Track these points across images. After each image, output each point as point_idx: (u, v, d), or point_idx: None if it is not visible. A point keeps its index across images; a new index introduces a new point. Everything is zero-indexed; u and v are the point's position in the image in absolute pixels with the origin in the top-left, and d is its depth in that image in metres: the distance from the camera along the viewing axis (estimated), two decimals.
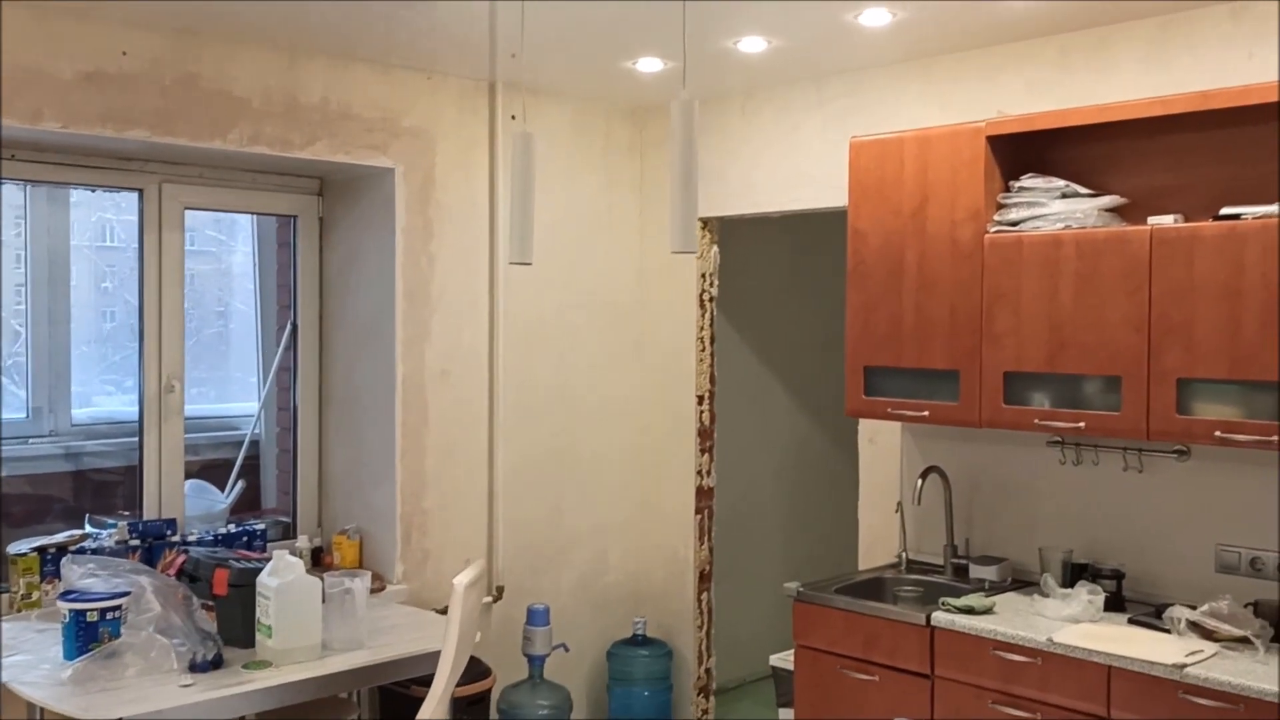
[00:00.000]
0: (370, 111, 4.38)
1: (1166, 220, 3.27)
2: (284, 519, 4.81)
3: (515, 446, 4.84)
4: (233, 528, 4.40)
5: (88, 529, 4.24)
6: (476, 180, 4.71)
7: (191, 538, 4.23)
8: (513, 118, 4.79)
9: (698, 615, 5.13)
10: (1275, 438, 3.06)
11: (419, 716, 3.26)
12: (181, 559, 3.72)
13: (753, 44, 4.00)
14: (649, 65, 4.36)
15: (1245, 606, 3.23)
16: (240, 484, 4.88)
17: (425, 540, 4.60)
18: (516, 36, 3.97)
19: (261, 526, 4.47)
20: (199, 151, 4.06)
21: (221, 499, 4.81)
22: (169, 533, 4.19)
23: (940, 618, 3.47)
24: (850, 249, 3.96)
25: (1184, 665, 2.98)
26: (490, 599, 4.75)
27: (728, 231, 5.13)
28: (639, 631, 5.07)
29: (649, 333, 5.23)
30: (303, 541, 4.59)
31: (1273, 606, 3.22)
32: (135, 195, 4.27)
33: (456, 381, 4.67)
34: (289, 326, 4.79)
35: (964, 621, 3.41)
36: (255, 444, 5.06)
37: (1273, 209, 3.09)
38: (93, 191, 4.50)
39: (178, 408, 4.34)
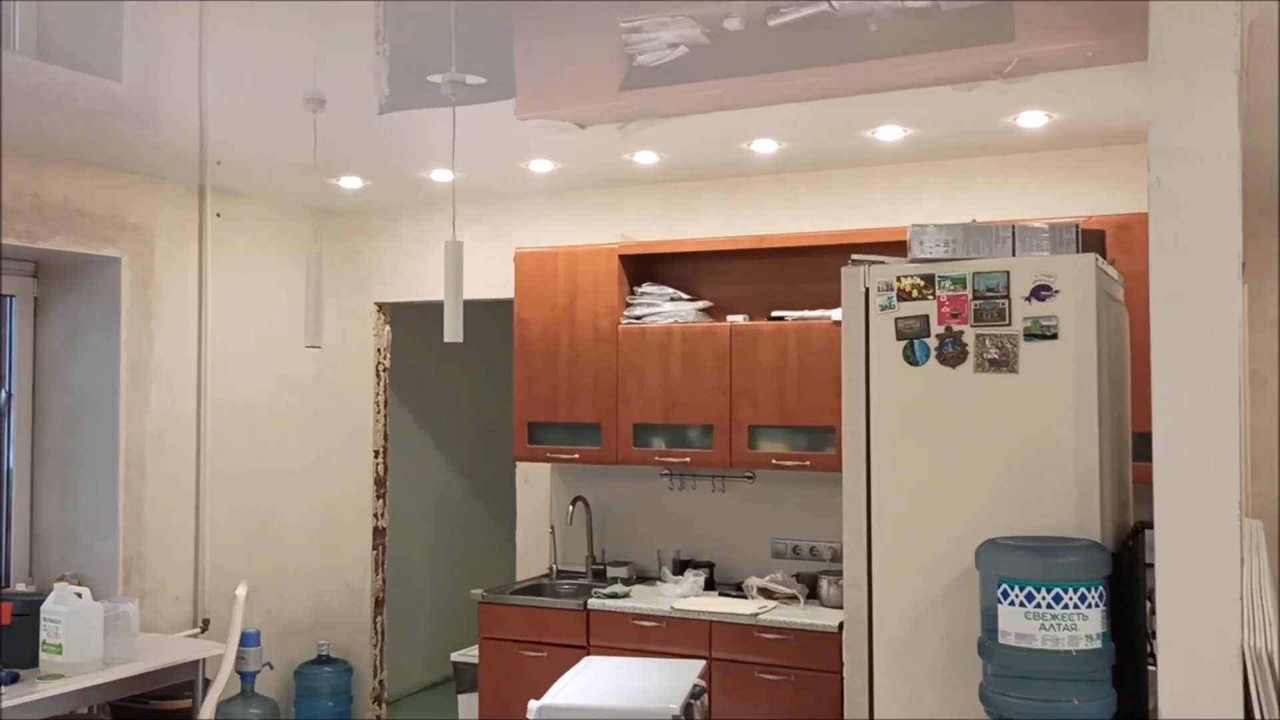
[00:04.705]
0: (102, 209, 5.08)
1: (739, 319, 4.86)
2: None
3: (219, 496, 5.61)
4: None
5: None
6: (189, 269, 5.50)
7: None
8: (217, 215, 5.64)
9: (373, 636, 6.11)
10: (807, 463, 4.69)
11: (214, 689, 4.08)
12: None
13: (442, 175, 5.20)
14: (350, 183, 5.43)
15: (792, 576, 4.84)
16: None
17: (143, 581, 5.26)
18: (221, 147, 4.82)
19: None
20: None
21: None
22: None
23: (594, 603, 4.79)
24: (516, 333, 5.24)
25: (757, 615, 4.50)
26: (198, 630, 5.47)
27: (395, 315, 6.23)
28: (323, 653, 5.96)
29: (330, 399, 6.19)
30: (20, 588, 5.09)
31: (808, 575, 4.84)
32: None
33: (170, 443, 5.39)
34: (3, 396, 5.27)
35: (612, 604, 4.75)
36: None
37: (804, 314, 4.75)
38: None
39: None
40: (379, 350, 6.14)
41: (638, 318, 5.03)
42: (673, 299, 5.02)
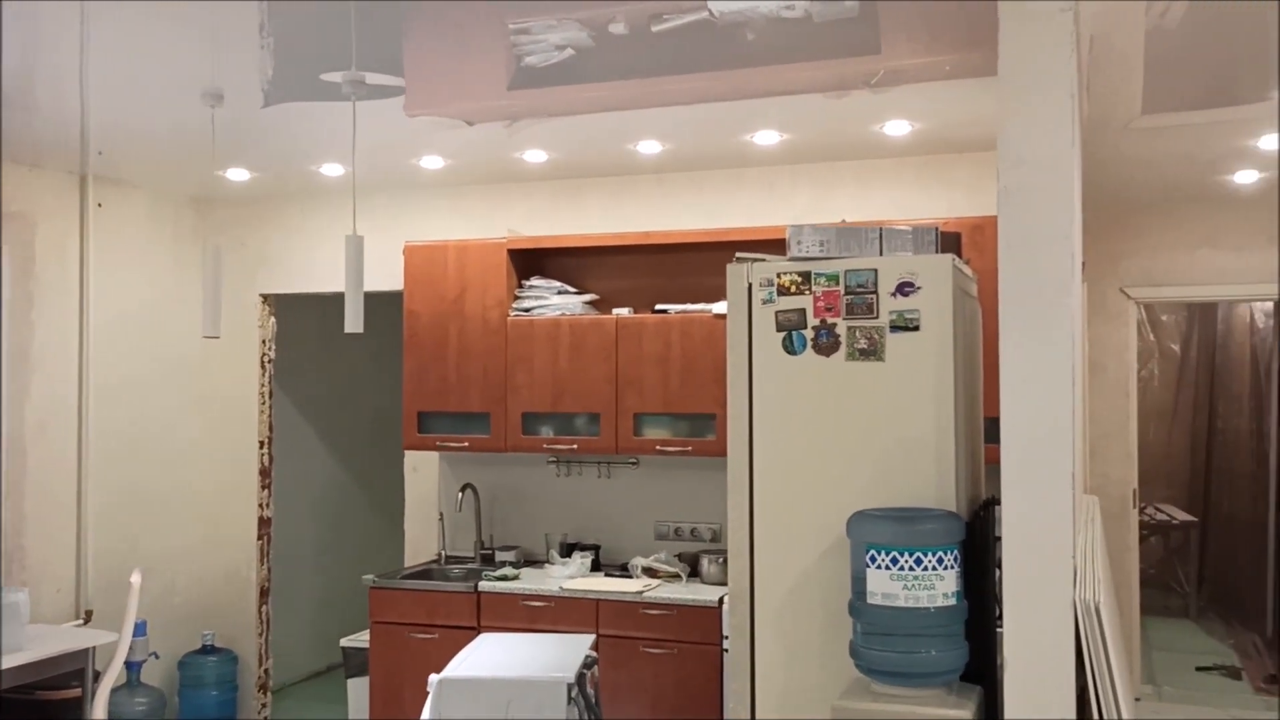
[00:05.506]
0: None
1: (625, 311, 5.08)
2: None
3: (102, 487, 5.59)
4: None
5: None
6: (70, 259, 5.46)
7: None
8: (99, 205, 5.61)
9: (259, 625, 6.15)
10: (689, 449, 4.94)
11: (106, 679, 4.12)
12: None
13: (332, 169, 5.29)
14: (237, 174, 5.47)
15: (675, 556, 5.09)
16: None
17: (24, 572, 5.22)
18: (103, 136, 4.80)
19: None
20: None
21: None
22: None
23: (485, 585, 4.96)
24: (406, 325, 5.36)
25: (642, 592, 4.74)
26: (81, 621, 5.45)
27: (280, 307, 6.26)
28: (208, 642, 5.98)
29: (215, 390, 6.20)
30: None
31: (690, 555, 5.09)
32: None
33: (53, 433, 5.36)
34: None
35: (502, 586, 4.93)
36: None
37: (686, 307, 4.99)
38: None
39: None
40: (264, 341, 6.17)
41: (526, 310, 5.21)
42: (560, 292, 5.21)
